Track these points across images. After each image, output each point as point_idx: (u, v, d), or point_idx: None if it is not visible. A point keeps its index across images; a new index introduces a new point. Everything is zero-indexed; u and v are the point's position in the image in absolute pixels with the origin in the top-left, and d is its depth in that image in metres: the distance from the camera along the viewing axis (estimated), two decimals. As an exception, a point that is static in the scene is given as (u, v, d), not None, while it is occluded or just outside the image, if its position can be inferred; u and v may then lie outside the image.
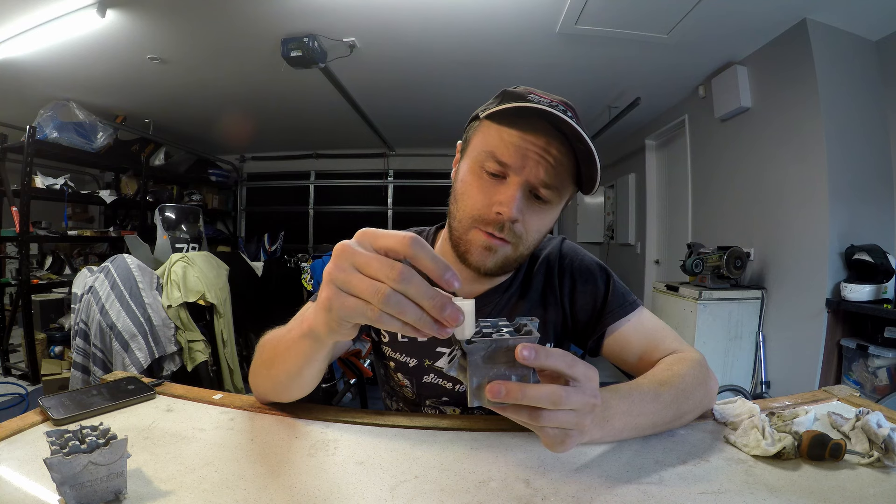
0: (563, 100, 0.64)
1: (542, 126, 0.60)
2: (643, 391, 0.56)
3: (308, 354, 0.53)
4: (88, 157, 3.77)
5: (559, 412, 0.42)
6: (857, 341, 2.14)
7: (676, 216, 3.89)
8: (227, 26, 2.55)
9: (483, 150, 0.63)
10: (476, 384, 0.40)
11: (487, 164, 0.62)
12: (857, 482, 0.48)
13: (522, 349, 0.39)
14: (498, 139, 0.62)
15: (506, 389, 0.39)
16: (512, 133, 0.61)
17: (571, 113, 0.62)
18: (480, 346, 0.40)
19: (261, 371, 0.64)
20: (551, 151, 0.60)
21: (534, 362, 0.39)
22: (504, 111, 0.60)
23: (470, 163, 0.66)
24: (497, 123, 0.62)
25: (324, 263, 3.44)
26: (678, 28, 2.41)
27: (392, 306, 0.35)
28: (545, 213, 0.65)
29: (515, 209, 0.60)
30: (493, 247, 0.64)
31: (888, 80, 2.33)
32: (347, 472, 0.50)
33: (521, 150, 0.60)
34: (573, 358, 0.42)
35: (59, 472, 0.40)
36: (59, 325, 3.39)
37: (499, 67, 2.98)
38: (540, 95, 0.62)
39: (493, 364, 0.40)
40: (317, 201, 5.98)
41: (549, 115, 0.58)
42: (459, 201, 0.66)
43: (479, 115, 0.66)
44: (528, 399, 0.40)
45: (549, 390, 0.40)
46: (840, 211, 2.26)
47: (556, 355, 0.41)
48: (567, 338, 0.80)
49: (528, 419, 0.42)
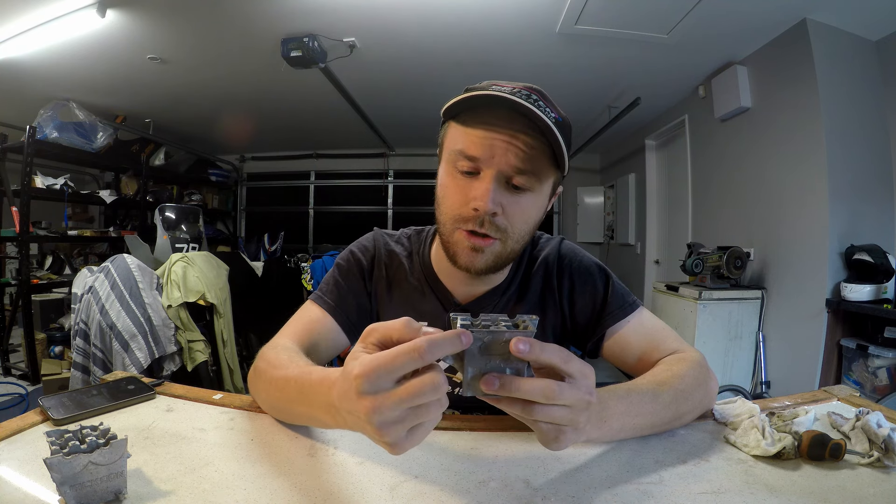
0: (528, 85, 0.63)
1: (505, 115, 0.60)
2: (642, 392, 0.56)
3: (312, 423, 0.56)
4: (88, 157, 3.77)
5: (553, 407, 0.41)
6: (857, 341, 2.14)
7: (676, 216, 3.89)
8: (227, 26, 2.55)
9: (453, 150, 0.63)
10: (471, 375, 0.41)
11: (459, 163, 0.62)
12: (857, 482, 0.48)
13: (517, 342, 0.39)
14: (464, 136, 0.62)
15: (499, 382, 0.39)
16: (476, 127, 0.61)
17: (537, 96, 0.61)
18: (478, 335, 0.40)
19: (261, 394, 0.63)
20: (519, 137, 0.60)
21: (528, 355, 0.40)
22: (460, 104, 0.61)
23: (445, 165, 0.66)
24: (462, 123, 0.63)
25: (324, 263, 3.45)
26: (678, 28, 2.41)
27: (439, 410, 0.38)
28: (526, 201, 0.64)
29: (491, 201, 0.60)
30: (479, 247, 0.64)
31: (888, 80, 2.33)
32: (347, 472, 0.50)
33: (487, 141, 0.60)
34: (569, 354, 0.42)
35: (59, 472, 0.40)
36: (59, 325, 3.39)
37: (499, 67, 2.98)
38: (501, 85, 0.62)
39: (490, 356, 0.41)
40: (317, 201, 5.98)
41: (507, 101, 0.58)
42: (441, 205, 0.67)
43: (442, 115, 0.66)
44: (520, 392, 0.40)
45: (542, 384, 0.40)
46: (840, 211, 2.26)
47: (550, 350, 0.41)
48: (566, 339, 0.79)
49: (522, 412, 0.42)
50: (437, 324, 0.74)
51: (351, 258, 0.80)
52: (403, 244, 0.82)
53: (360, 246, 0.81)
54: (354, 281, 0.78)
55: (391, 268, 0.79)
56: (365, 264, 0.79)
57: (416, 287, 0.78)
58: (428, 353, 0.36)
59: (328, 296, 0.76)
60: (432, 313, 0.75)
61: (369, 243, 0.82)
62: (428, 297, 0.76)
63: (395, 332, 0.40)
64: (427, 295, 0.77)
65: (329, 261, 3.47)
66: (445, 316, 0.75)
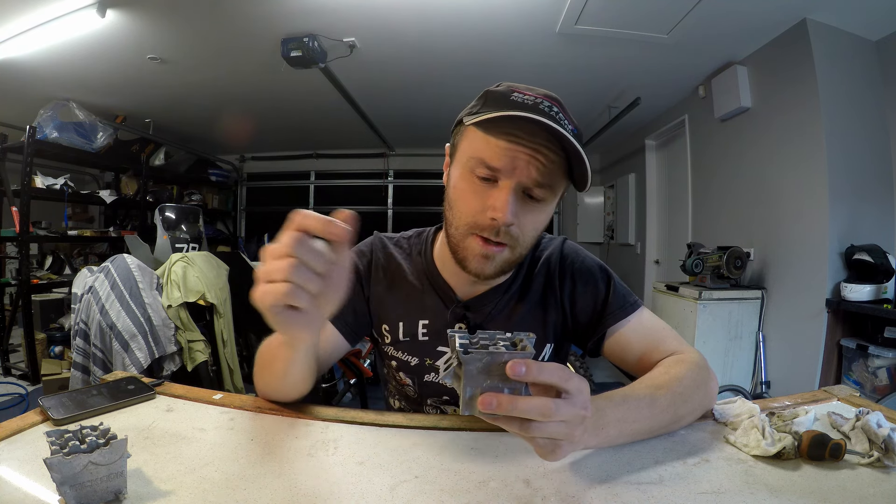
0: (548, 93, 0.62)
1: (529, 128, 0.59)
2: (639, 397, 0.56)
3: (286, 357, 0.58)
4: (88, 157, 3.77)
5: (549, 423, 0.42)
6: (857, 341, 2.14)
7: (676, 216, 3.89)
8: (227, 26, 2.55)
9: (472, 156, 0.62)
10: (469, 394, 0.41)
11: (478, 169, 0.62)
12: (857, 482, 0.48)
13: (514, 366, 0.40)
14: (485, 144, 0.61)
15: (497, 401, 0.40)
16: (499, 137, 0.60)
17: (558, 108, 0.61)
18: (476, 356, 0.41)
19: (260, 375, 0.68)
20: (541, 151, 0.60)
21: (525, 378, 0.40)
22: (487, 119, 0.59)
23: (461, 169, 0.65)
24: (484, 130, 0.61)
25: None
26: (678, 28, 2.41)
27: (297, 275, 0.41)
28: (540, 211, 0.65)
29: (510, 213, 0.60)
30: (491, 254, 0.64)
31: (888, 80, 2.33)
32: (347, 472, 0.50)
33: (510, 153, 0.59)
34: (566, 371, 0.43)
35: (59, 472, 0.40)
36: (59, 325, 3.39)
37: (499, 67, 2.98)
38: (523, 93, 0.61)
39: (488, 375, 0.41)
40: (317, 201, 5.98)
41: (534, 121, 0.57)
42: (454, 208, 0.66)
43: (464, 121, 0.65)
44: (518, 412, 0.40)
45: (539, 403, 0.41)
46: (840, 211, 2.26)
47: (549, 371, 0.41)
48: (567, 339, 0.80)
49: (519, 430, 0.43)
50: (440, 319, 0.75)
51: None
52: (402, 246, 0.83)
53: (358, 251, 0.83)
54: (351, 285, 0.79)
55: (389, 269, 0.81)
56: (361, 269, 0.81)
57: (415, 286, 0.78)
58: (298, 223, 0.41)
59: None
60: (434, 310, 0.76)
61: (366, 248, 0.83)
62: (429, 294, 0.77)
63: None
64: (428, 293, 0.77)
65: (329, 261, 3.46)
66: (447, 312, 0.76)
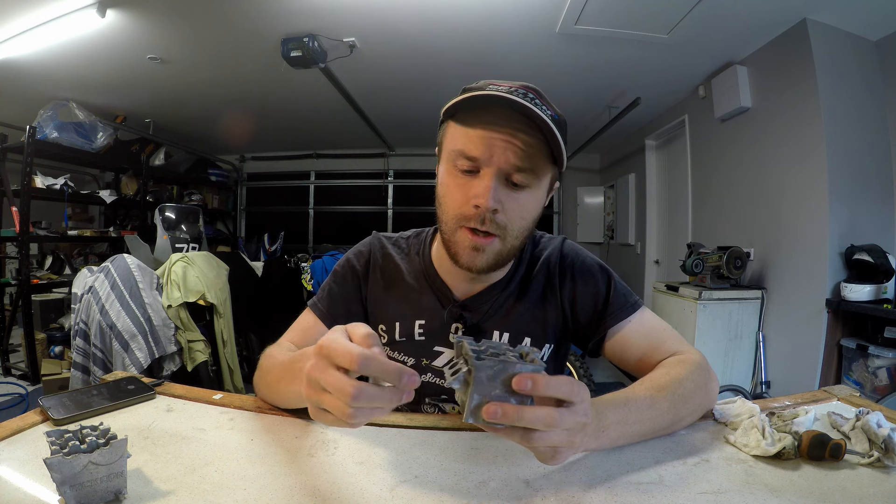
0: (525, 84, 0.64)
1: (503, 114, 0.61)
2: (639, 399, 0.56)
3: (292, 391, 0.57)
4: (88, 157, 3.77)
5: (551, 432, 0.42)
6: (857, 341, 2.13)
7: (676, 216, 3.89)
8: (227, 26, 2.55)
9: (452, 149, 0.65)
10: (476, 402, 0.41)
11: (459, 162, 0.64)
12: (857, 482, 0.48)
13: (521, 380, 0.40)
14: (464, 136, 0.63)
15: (502, 411, 0.40)
16: (476, 127, 0.62)
17: (533, 94, 0.62)
18: (489, 364, 0.40)
19: (261, 384, 0.69)
20: (518, 135, 0.61)
21: (532, 392, 0.40)
22: (460, 104, 0.62)
23: (445, 164, 0.67)
24: (461, 123, 0.64)
25: (324, 263, 3.45)
26: (678, 28, 2.41)
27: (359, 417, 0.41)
28: (525, 198, 0.65)
29: (492, 198, 0.62)
30: (480, 246, 0.65)
31: (888, 80, 2.33)
32: (347, 472, 0.50)
33: (486, 140, 0.61)
34: (572, 382, 0.43)
35: (59, 472, 0.40)
36: (59, 325, 3.38)
37: (499, 67, 2.98)
38: (497, 84, 0.63)
39: (496, 385, 0.41)
40: (317, 201, 5.98)
41: (505, 100, 0.59)
42: (442, 204, 0.68)
43: (442, 115, 0.67)
44: (523, 422, 0.40)
45: (543, 413, 0.41)
46: (840, 211, 2.26)
47: (556, 384, 0.41)
48: (566, 338, 0.79)
49: (521, 440, 0.43)
50: (436, 319, 0.75)
51: (346, 265, 0.83)
52: (401, 246, 0.84)
53: (356, 251, 0.84)
54: (348, 286, 0.81)
55: (387, 269, 0.81)
56: (359, 269, 0.82)
57: (413, 286, 0.79)
58: (359, 364, 0.40)
59: (321, 303, 0.80)
60: (430, 310, 0.77)
61: (365, 248, 0.84)
62: (426, 294, 0.78)
63: (356, 336, 0.45)
64: (425, 292, 0.78)
65: (329, 261, 3.47)
66: (444, 312, 0.76)
